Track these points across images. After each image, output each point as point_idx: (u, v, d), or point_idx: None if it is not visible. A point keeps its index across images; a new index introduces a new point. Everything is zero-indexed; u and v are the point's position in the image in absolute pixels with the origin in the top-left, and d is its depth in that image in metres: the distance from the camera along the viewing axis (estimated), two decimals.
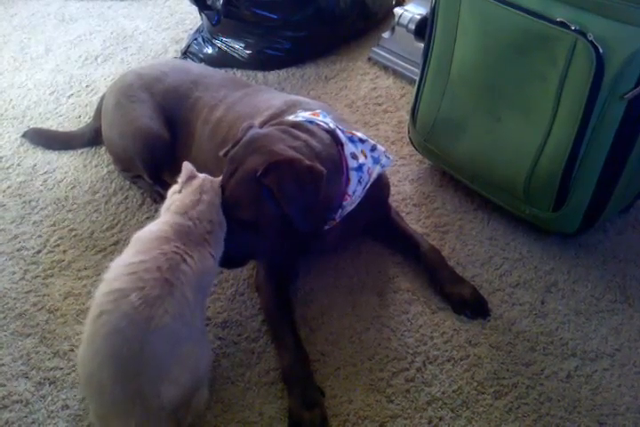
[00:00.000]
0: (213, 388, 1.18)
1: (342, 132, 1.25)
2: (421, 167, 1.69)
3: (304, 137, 1.19)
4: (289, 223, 1.15)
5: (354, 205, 1.26)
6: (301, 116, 1.26)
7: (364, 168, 1.24)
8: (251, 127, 1.21)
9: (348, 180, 1.22)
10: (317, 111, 1.29)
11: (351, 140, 1.25)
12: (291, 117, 1.26)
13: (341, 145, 1.22)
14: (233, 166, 1.16)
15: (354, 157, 1.23)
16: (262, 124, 1.27)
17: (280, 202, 1.12)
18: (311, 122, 1.23)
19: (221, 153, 1.23)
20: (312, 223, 1.20)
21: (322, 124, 1.24)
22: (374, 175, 1.27)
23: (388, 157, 1.30)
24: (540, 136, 1.29)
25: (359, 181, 1.23)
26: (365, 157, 1.25)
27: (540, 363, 1.23)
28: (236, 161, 1.16)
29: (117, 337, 0.96)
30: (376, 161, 1.27)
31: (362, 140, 1.27)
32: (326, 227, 1.26)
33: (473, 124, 1.42)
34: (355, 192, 1.23)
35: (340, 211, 1.24)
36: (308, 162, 1.13)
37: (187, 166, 1.18)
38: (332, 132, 1.23)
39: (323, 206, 1.20)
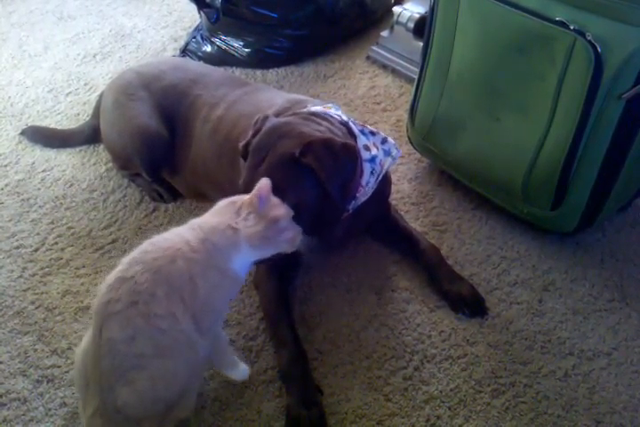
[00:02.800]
0: (211, 386, 1.18)
1: (355, 124, 1.27)
2: (420, 166, 1.69)
3: (325, 124, 1.21)
4: (324, 207, 1.16)
5: (366, 197, 1.27)
6: (314, 108, 1.27)
7: (377, 160, 1.25)
8: (267, 117, 1.21)
9: (361, 171, 1.23)
10: (329, 105, 1.31)
11: (363, 132, 1.27)
12: (305, 110, 1.27)
13: (355, 137, 1.24)
14: (260, 155, 1.15)
15: (366, 148, 1.24)
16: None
17: (322, 180, 1.12)
18: (325, 113, 1.25)
19: (241, 144, 1.22)
20: (347, 202, 1.21)
21: (336, 116, 1.25)
22: (386, 167, 1.28)
23: (398, 150, 1.32)
24: (538, 135, 1.29)
25: (372, 173, 1.24)
26: (377, 149, 1.26)
27: (538, 362, 1.23)
28: (264, 149, 1.16)
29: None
30: (387, 153, 1.28)
31: (373, 133, 1.29)
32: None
33: (471, 123, 1.42)
34: (368, 183, 1.24)
35: (353, 202, 1.25)
36: (340, 140, 1.15)
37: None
38: (345, 124, 1.25)
39: (354, 187, 1.22)
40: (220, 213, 1.04)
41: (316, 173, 1.12)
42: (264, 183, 1.01)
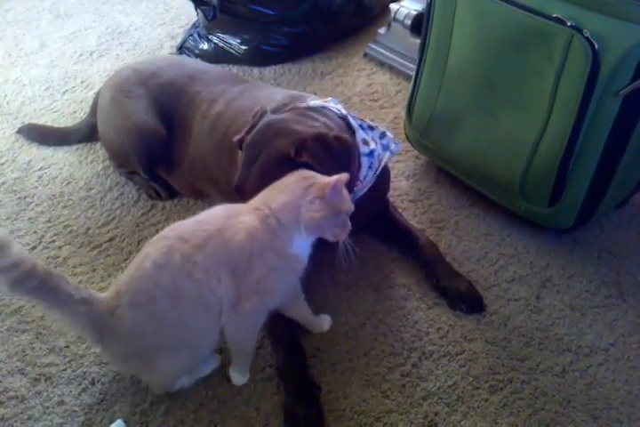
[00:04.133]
0: (209, 383, 1.18)
1: (353, 118, 1.27)
2: (417, 163, 1.69)
3: (322, 119, 1.21)
4: None
5: (364, 191, 1.27)
6: (313, 102, 1.27)
7: (375, 154, 1.25)
8: (264, 113, 1.21)
9: (359, 165, 1.23)
10: (328, 99, 1.31)
11: (361, 126, 1.27)
12: (303, 104, 1.27)
13: (353, 131, 1.24)
14: (254, 152, 1.15)
15: (365, 142, 1.24)
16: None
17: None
18: (324, 107, 1.25)
19: (235, 139, 1.22)
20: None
21: (334, 109, 1.25)
22: (384, 161, 1.29)
23: (397, 144, 1.32)
24: (535, 132, 1.29)
25: (370, 167, 1.25)
26: (376, 143, 1.27)
27: (535, 358, 1.23)
28: (257, 146, 1.15)
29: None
30: (385, 148, 1.29)
31: (371, 128, 1.29)
32: None
33: (469, 120, 1.42)
34: (366, 177, 1.25)
35: (351, 196, 1.25)
36: (333, 133, 1.15)
37: None
38: (344, 118, 1.25)
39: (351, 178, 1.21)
40: (289, 191, 1.03)
41: (312, 169, 1.12)
42: (344, 176, 1.02)
